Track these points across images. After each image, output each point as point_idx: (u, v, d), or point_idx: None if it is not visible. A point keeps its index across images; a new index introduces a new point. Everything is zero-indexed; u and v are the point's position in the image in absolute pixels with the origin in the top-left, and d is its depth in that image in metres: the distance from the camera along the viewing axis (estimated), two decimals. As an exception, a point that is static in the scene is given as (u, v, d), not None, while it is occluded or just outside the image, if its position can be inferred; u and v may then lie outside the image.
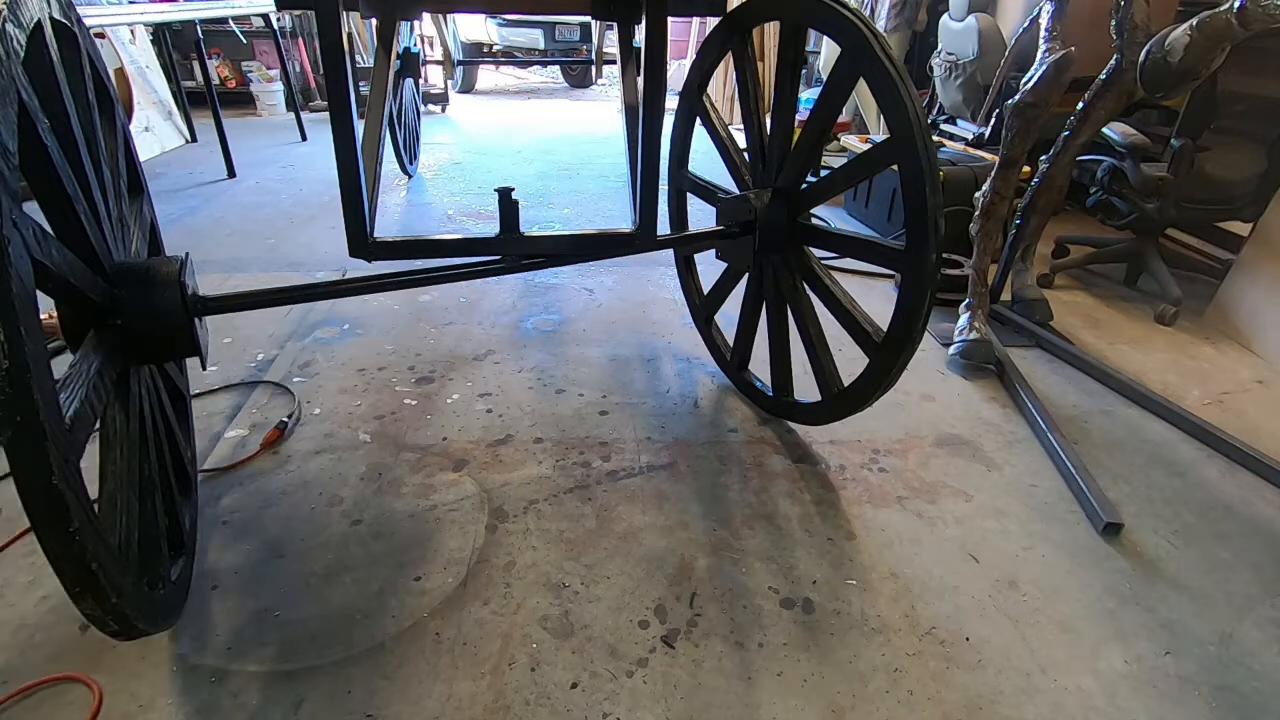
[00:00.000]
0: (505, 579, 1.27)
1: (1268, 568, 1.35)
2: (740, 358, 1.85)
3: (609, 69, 7.57)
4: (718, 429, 1.74)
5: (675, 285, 2.27)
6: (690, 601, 1.24)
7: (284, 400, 1.79)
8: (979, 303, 2.11)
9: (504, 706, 1.05)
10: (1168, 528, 1.44)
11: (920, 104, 1.21)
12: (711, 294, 1.93)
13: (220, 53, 5.73)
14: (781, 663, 1.13)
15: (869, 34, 1.22)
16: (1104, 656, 1.16)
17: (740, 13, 1.53)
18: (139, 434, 1.05)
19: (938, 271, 1.26)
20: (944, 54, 3.50)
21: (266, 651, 1.11)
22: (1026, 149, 2.10)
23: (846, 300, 1.47)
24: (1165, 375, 2.04)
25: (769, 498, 1.50)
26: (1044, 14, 2.10)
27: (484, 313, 2.31)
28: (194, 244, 2.75)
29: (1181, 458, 1.67)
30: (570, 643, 1.15)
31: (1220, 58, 1.69)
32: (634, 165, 1.63)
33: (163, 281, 1.05)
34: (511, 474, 1.55)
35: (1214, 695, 1.09)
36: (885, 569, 1.32)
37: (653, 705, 1.06)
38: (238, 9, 4.07)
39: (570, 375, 1.95)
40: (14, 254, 0.69)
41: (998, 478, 1.58)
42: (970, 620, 1.22)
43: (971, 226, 2.21)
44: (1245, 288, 2.28)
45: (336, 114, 1.28)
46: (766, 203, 1.51)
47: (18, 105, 0.77)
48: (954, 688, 1.09)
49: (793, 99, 1.48)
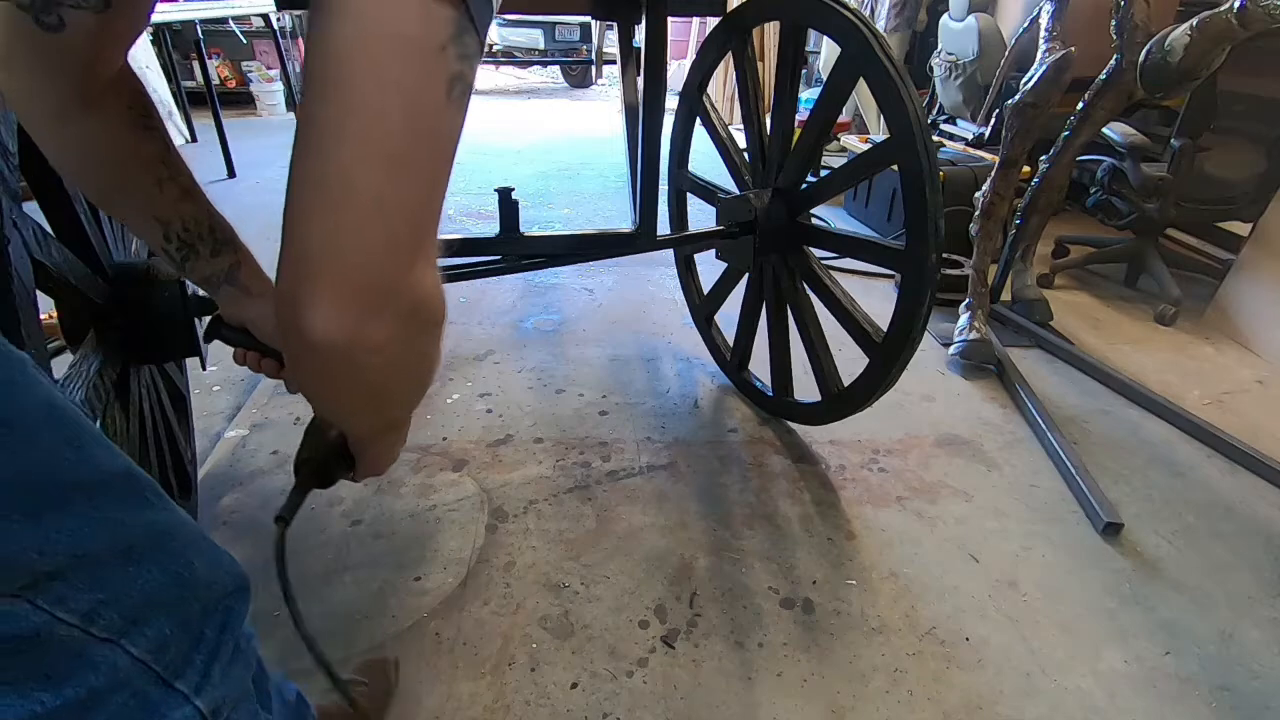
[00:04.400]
0: (505, 579, 1.27)
1: (1268, 568, 1.35)
2: (740, 358, 1.85)
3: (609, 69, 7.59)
4: (718, 429, 1.74)
5: (675, 285, 2.27)
6: (690, 601, 1.24)
7: (285, 400, 1.78)
8: (979, 303, 2.11)
9: (504, 706, 1.05)
10: (1168, 528, 1.44)
11: (920, 104, 1.21)
12: (711, 294, 1.93)
13: (220, 53, 5.73)
14: (781, 663, 1.13)
15: (869, 34, 1.22)
16: (1104, 656, 1.16)
17: (740, 13, 1.53)
18: (139, 434, 1.06)
19: (938, 271, 1.26)
20: (944, 54, 3.50)
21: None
22: (1026, 149, 2.10)
23: (846, 300, 1.47)
24: (1165, 375, 2.04)
25: (769, 498, 1.50)
26: (1044, 14, 2.10)
27: (484, 312, 2.31)
28: (194, 244, 2.74)
29: (1181, 458, 1.67)
30: (570, 643, 1.15)
31: (1220, 58, 1.69)
32: (634, 165, 1.63)
33: (163, 281, 1.05)
34: (511, 474, 1.55)
35: (1214, 695, 1.09)
36: (885, 569, 1.32)
37: (653, 705, 1.06)
38: (238, 9, 4.07)
39: (570, 375, 1.95)
40: (14, 254, 0.69)
41: (998, 478, 1.58)
42: (970, 620, 1.22)
43: (971, 226, 2.21)
44: (1245, 288, 2.28)
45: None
46: (766, 203, 1.51)
47: (18, 105, 0.77)
48: (954, 688, 1.09)
49: (793, 99, 1.47)
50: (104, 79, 0.66)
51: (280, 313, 0.39)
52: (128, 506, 0.46)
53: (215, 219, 0.79)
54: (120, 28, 0.63)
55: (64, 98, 0.65)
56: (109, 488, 0.45)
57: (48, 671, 0.42)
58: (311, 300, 0.37)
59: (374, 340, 0.39)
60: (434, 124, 0.37)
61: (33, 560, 0.40)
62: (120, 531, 0.45)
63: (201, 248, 0.78)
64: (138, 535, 0.46)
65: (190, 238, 0.77)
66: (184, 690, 0.49)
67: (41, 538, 0.40)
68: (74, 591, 0.42)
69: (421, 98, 0.36)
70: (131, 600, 0.45)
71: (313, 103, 0.36)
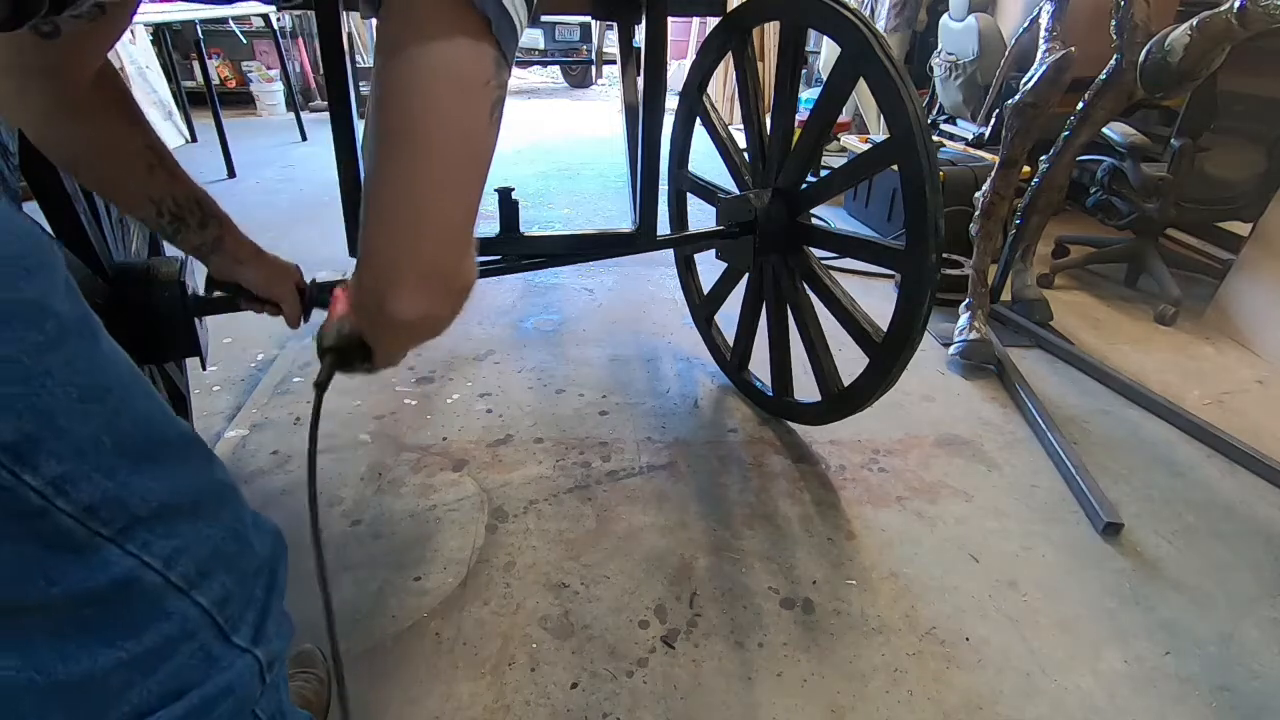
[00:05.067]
0: (505, 579, 1.27)
1: (1268, 568, 1.35)
2: (740, 358, 1.85)
3: (609, 69, 7.59)
4: (718, 429, 1.74)
5: (675, 285, 2.27)
6: (690, 601, 1.24)
7: (285, 400, 1.79)
8: (979, 303, 2.11)
9: (504, 706, 1.05)
10: (1168, 528, 1.44)
11: (920, 104, 1.21)
12: (711, 294, 1.93)
13: (220, 53, 5.73)
14: (781, 663, 1.13)
15: (869, 34, 1.22)
16: (1104, 656, 1.16)
17: (740, 13, 1.53)
18: (139, 434, 1.05)
19: (938, 271, 1.26)
20: (944, 54, 3.50)
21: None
22: (1026, 149, 2.10)
23: (846, 300, 1.47)
24: (1165, 375, 2.04)
25: (769, 498, 1.50)
26: (1044, 14, 2.10)
27: (484, 312, 2.31)
28: (194, 244, 2.74)
29: (1181, 458, 1.67)
30: (570, 643, 1.15)
31: (1220, 58, 1.69)
32: (634, 165, 1.63)
33: (163, 281, 1.05)
34: (511, 474, 1.55)
35: (1214, 695, 1.10)
36: (885, 569, 1.32)
37: (653, 705, 1.06)
38: (238, 9, 4.06)
39: (570, 375, 1.95)
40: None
41: (998, 478, 1.58)
42: (970, 620, 1.22)
43: (971, 226, 2.21)
44: (1245, 288, 2.28)
45: (336, 114, 1.28)
46: (766, 203, 1.51)
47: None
48: (954, 688, 1.09)
49: (793, 99, 1.47)
50: (89, 76, 0.73)
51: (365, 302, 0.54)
52: (196, 463, 0.51)
53: (200, 195, 0.89)
54: (107, 30, 0.70)
55: (55, 97, 0.71)
56: (184, 445, 0.50)
57: (131, 621, 0.45)
58: (397, 297, 0.50)
59: (438, 315, 0.53)
60: (481, 146, 0.47)
61: (135, 506, 0.44)
62: (191, 486, 0.49)
63: (190, 219, 0.88)
64: (204, 491, 0.50)
65: (180, 211, 0.87)
66: (240, 644, 0.52)
67: (141, 486, 0.45)
68: (156, 538, 0.46)
69: (474, 127, 0.46)
70: (200, 552, 0.49)
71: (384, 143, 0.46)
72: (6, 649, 0.42)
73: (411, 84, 0.44)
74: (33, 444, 0.39)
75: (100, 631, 0.44)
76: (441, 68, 0.43)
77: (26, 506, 0.39)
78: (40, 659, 0.42)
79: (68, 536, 0.41)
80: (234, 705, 0.52)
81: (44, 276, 0.40)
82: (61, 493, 0.40)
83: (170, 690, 0.47)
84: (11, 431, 0.38)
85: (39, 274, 0.40)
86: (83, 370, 0.42)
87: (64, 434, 0.40)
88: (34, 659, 0.42)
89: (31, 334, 0.38)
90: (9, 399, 0.38)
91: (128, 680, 0.45)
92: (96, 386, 0.43)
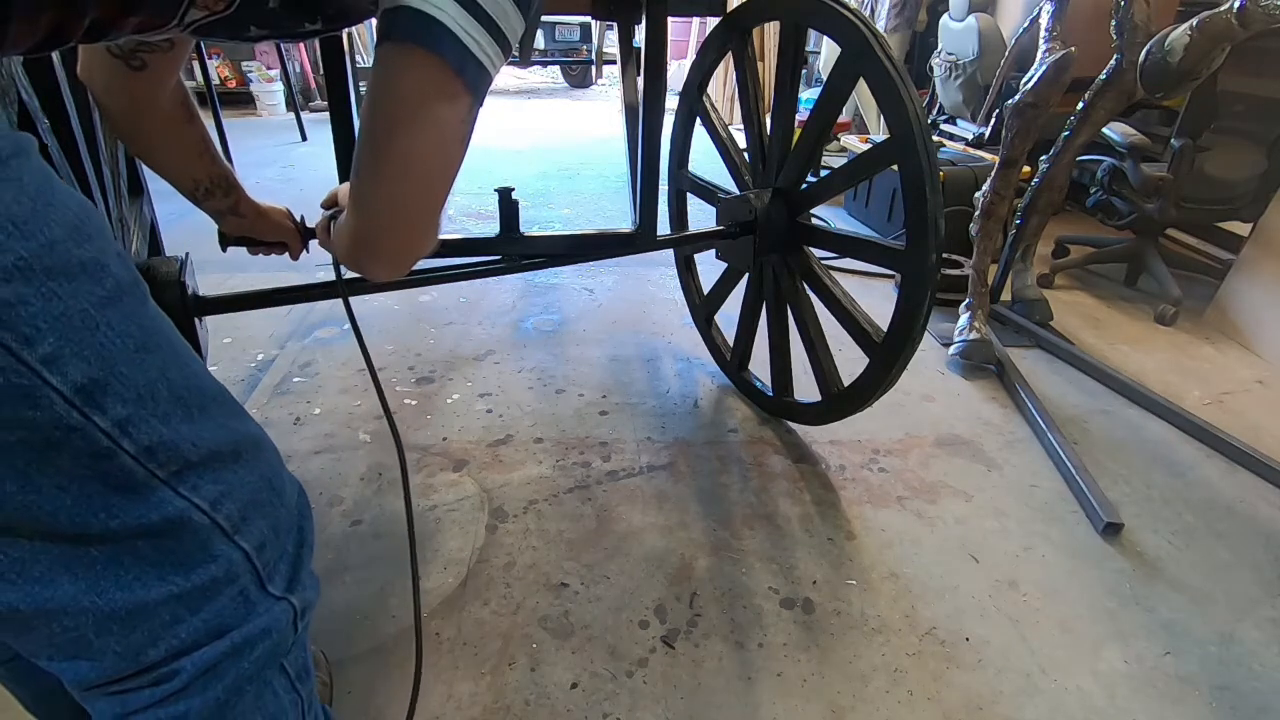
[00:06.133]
0: (505, 579, 1.27)
1: (1268, 568, 1.35)
2: (740, 358, 1.85)
3: (609, 69, 7.59)
4: (718, 429, 1.74)
5: (675, 285, 2.27)
6: (690, 601, 1.24)
7: (285, 400, 1.79)
8: (979, 303, 2.11)
9: (504, 706, 1.05)
10: (1168, 528, 1.44)
11: (920, 104, 1.21)
12: (711, 294, 1.93)
13: (220, 53, 5.73)
14: (781, 663, 1.13)
15: (869, 34, 1.22)
16: (1104, 656, 1.16)
17: (740, 13, 1.53)
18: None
19: (938, 271, 1.26)
20: (944, 54, 3.50)
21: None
22: (1026, 149, 2.10)
23: (846, 300, 1.47)
24: (1165, 375, 2.04)
25: (769, 498, 1.50)
26: (1044, 14, 2.10)
27: (484, 313, 2.31)
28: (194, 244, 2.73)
29: (1181, 458, 1.67)
30: (570, 643, 1.15)
31: (1220, 58, 1.69)
32: (634, 165, 1.63)
33: (163, 281, 1.05)
34: (511, 474, 1.55)
35: (1214, 695, 1.10)
36: (885, 569, 1.32)
37: (653, 705, 1.06)
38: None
39: (570, 375, 1.95)
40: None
41: (998, 478, 1.58)
42: (970, 620, 1.22)
43: (971, 226, 2.21)
44: (1245, 288, 2.28)
45: (336, 114, 1.28)
46: (766, 203, 1.51)
47: (18, 105, 0.77)
48: (954, 688, 1.09)
49: (793, 99, 1.47)
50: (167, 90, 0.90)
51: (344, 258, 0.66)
52: (235, 415, 0.55)
53: (227, 171, 1.08)
54: (177, 56, 0.87)
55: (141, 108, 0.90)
56: (223, 399, 0.54)
57: (182, 558, 0.50)
58: (373, 264, 0.62)
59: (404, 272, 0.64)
60: (454, 158, 0.57)
61: (186, 450, 0.49)
62: (231, 436, 0.53)
63: (217, 191, 1.07)
64: (242, 441, 0.55)
65: (213, 187, 1.06)
66: (275, 593, 0.56)
67: (192, 433, 0.49)
68: (205, 482, 0.50)
69: (449, 149, 0.56)
70: (242, 497, 0.53)
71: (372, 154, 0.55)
72: (75, 575, 0.46)
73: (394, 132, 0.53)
74: (101, 388, 0.43)
75: (154, 564, 0.48)
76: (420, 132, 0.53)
77: (96, 446, 0.44)
78: (101, 585, 0.47)
79: (129, 476, 0.46)
80: (269, 649, 0.56)
81: (102, 240, 0.45)
82: (126, 434, 0.45)
83: (213, 629, 0.52)
84: (82, 375, 0.42)
85: (98, 238, 0.45)
86: (136, 325, 0.46)
87: (126, 380, 0.45)
88: (96, 585, 0.46)
89: (96, 289, 0.43)
90: (80, 345, 0.42)
91: (175, 615, 0.50)
92: (150, 341, 0.47)
